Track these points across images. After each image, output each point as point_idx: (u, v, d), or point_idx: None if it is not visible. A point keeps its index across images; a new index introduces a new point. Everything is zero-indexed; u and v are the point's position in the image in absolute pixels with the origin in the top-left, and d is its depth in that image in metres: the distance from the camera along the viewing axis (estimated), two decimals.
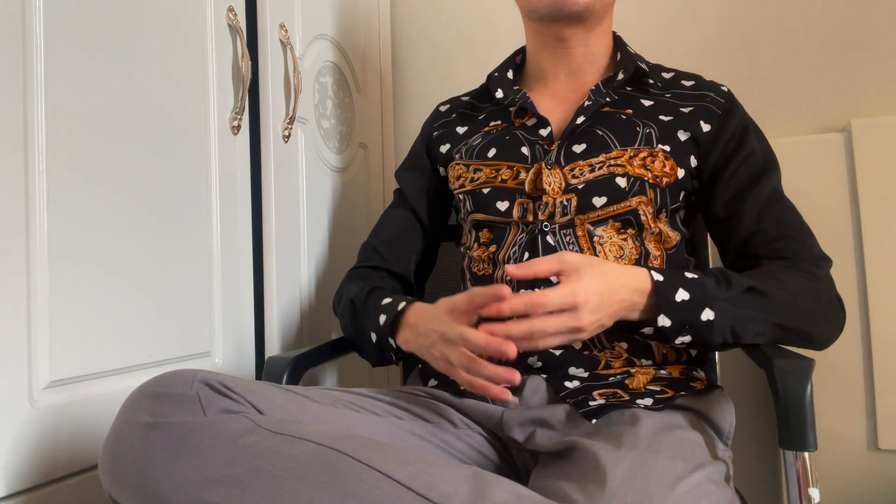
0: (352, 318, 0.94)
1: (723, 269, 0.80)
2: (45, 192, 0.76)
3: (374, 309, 0.89)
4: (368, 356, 0.93)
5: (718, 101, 0.91)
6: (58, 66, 0.78)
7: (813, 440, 0.67)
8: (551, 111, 0.95)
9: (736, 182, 0.88)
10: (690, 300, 0.74)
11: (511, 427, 0.78)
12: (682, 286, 0.74)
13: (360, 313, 0.91)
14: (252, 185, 1.08)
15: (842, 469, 1.11)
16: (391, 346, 0.86)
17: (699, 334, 0.75)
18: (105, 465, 0.62)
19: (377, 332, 0.87)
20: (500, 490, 0.54)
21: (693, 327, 0.74)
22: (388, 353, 0.88)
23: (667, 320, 0.74)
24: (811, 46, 1.23)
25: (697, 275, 0.76)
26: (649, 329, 0.76)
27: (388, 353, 0.88)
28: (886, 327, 1.10)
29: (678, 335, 0.75)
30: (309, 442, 0.59)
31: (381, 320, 0.86)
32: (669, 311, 0.73)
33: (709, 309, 0.74)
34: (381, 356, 0.90)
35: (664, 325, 0.74)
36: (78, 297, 0.80)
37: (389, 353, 0.88)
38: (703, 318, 0.74)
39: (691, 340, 0.76)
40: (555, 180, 0.87)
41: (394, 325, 0.86)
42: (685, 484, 0.60)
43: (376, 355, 0.91)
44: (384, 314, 0.86)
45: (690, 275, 0.76)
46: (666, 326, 0.74)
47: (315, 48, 1.22)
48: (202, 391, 0.62)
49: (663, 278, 0.74)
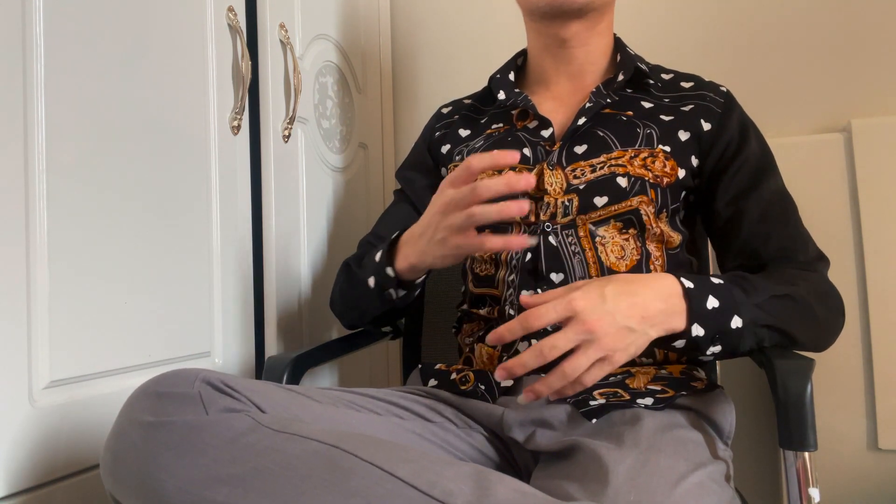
0: (347, 279, 0.94)
1: (743, 274, 0.78)
2: (45, 192, 0.76)
3: (369, 256, 0.91)
4: (368, 310, 0.93)
5: (718, 101, 0.92)
6: (58, 66, 0.78)
7: (813, 440, 0.67)
8: (553, 113, 0.95)
9: (738, 182, 0.88)
10: (720, 307, 0.72)
11: (511, 427, 0.78)
12: (711, 293, 0.72)
13: (356, 270, 0.93)
14: (252, 185, 1.08)
15: (842, 469, 1.11)
16: (390, 278, 0.86)
17: (728, 342, 0.73)
18: (107, 464, 0.62)
19: (375, 272, 0.88)
20: (503, 487, 0.54)
21: (724, 335, 0.73)
22: (387, 291, 0.88)
23: (700, 329, 0.71)
24: (811, 46, 1.23)
25: (723, 280, 0.75)
26: (681, 342, 0.73)
27: (386, 294, 0.88)
28: (886, 327, 1.10)
29: (710, 345, 0.73)
30: (311, 440, 0.59)
31: (377, 257, 0.88)
32: (702, 320, 0.71)
33: (737, 316, 0.72)
34: (382, 302, 0.90)
35: (698, 335, 0.71)
36: (78, 297, 0.79)
37: (389, 292, 0.88)
38: (732, 326, 0.72)
39: (720, 350, 0.74)
40: (556, 181, 0.87)
41: (390, 254, 0.87)
42: (687, 482, 0.60)
43: (376, 301, 0.90)
44: (380, 250, 0.88)
45: (717, 280, 0.74)
46: (700, 336, 0.71)
47: (315, 48, 1.22)
48: (204, 390, 0.62)
49: (693, 285, 0.72)
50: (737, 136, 0.90)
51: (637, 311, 0.68)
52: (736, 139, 0.90)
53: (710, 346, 0.73)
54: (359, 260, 0.95)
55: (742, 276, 0.77)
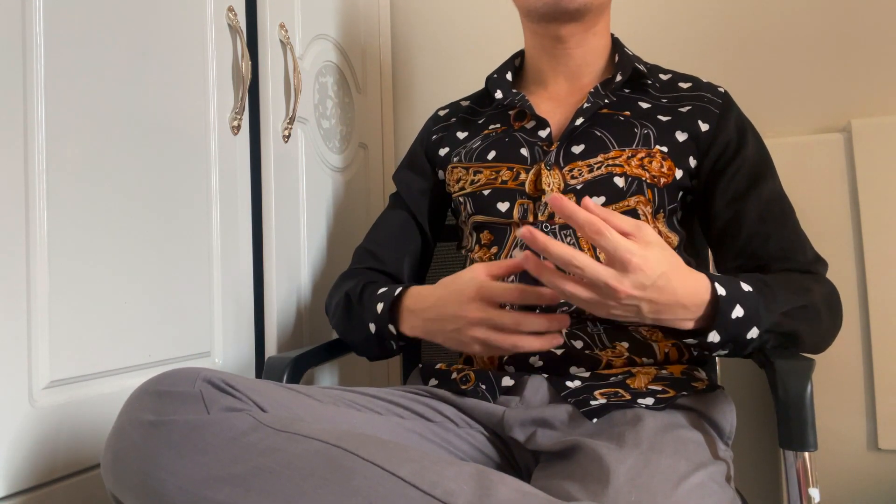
0: (346, 312, 0.93)
1: (763, 278, 0.77)
2: (45, 192, 0.76)
3: (371, 299, 0.89)
4: (366, 350, 0.93)
5: (716, 101, 0.92)
6: (58, 66, 0.78)
7: (813, 440, 0.67)
8: (550, 113, 0.95)
9: (737, 183, 0.88)
10: (744, 317, 0.72)
11: (512, 427, 0.78)
12: (739, 302, 0.72)
13: (356, 306, 0.91)
14: (252, 185, 1.08)
15: (842, 469, 1.11)
16: (392, 334, 0.86)
17: (738, 347, 0.74)
18: (108, 463, 0.61)
19: (376, 321, 0.87)
20: (504, 487, 0.54)
21: (736, 342, 0.73)
22: (389, 342, 0.88)
23: (717, 336, 0.72)
24: (811, 46, 1.23)
25: (751, 287, 0.73)
26: (693, 340, 0.74)
27: (387, 343, 0.88)
28: (886, 327, 1.10)
29: (720, 349, 0.74)
30: (313, 439, 0.59)
31: (378, 308, 0.86)
32: (722, 329, 0.71)
33: (756, 328, 0.73)
34: (380, 347, 0.90)
35: (713, 342, 0.72)
36: (78, 297, 0.79)
37: (390, 343, 0.88)
38: (748, 336, 0.73)
39: (727, 353, 0.76)
40: (554, 181, 0.87)
41: (392, 311, 0.86)
42: (688, 483, 0.60)
43: (375, 347, 0.90)
44: (381, 302, 0.86)
45: (746, 287, 0.73)
46: (714, 342, 0.72)
47: (315, 48, 1.22)
48: (205, 389, 0.62)
49: (726, 293, 0.71)
50: (735, 138, 0.90)
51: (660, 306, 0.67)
52: (734, 140, 0.90)
53: (720, 349, 0.74)
54: (359, 292, 0.92)
55: (763, 281, 0.76)
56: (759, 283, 0.75)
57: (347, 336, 0.94)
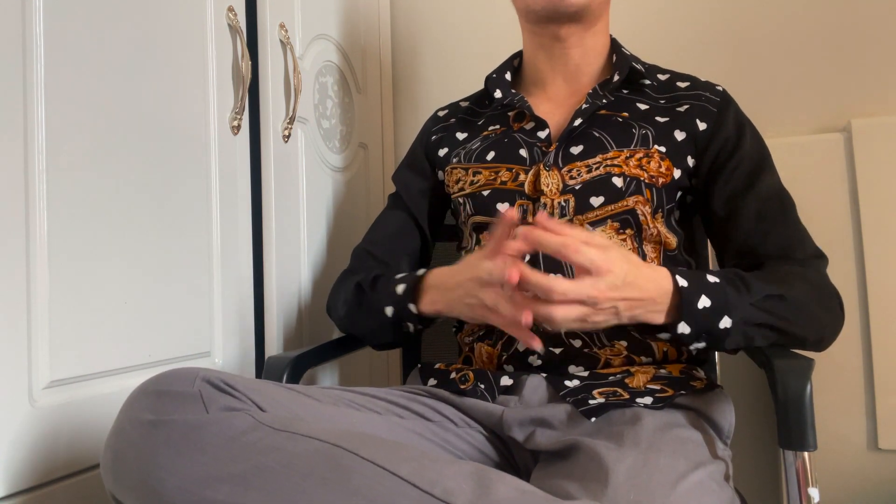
0: (357, 301, 0.93)
1: (738, 272, 0.78)
2: (45, 192, 0.76)
3: (387, 284, 0.90)
4: (379, 336, 0.93)
5: (714, 100, 0.92)
6: (58, 66, 0.78)
7: (813, 440, 0.67)
8: (549, 114, 0.95)
9: (735, 180, 0.88)
10: (711, 307, 0.73)
11: (511, 426, 0.78)
12: (704, 292, 0.73)
13: (370, 293, 0.92)
14: (252, 185, 1.08)
15: (842, 469, 1.11)
16: (411, 314, 0.87)
17: (714, 340, 0.75)
18: (107, 463, 0.62)
19: (395, 303, 0.88)
20: (503, 486, 0.54)
21: (710, 334, 0.74)
22: (405, 323, 0.88)
23: (686, 328, 0.73)
24: (811, 46, 1.23)
25: (719, 279, 0.75)
26: (666, 335, 0.75)
27: (404, 326, 0.89)
28: (886, 327, 1.10)
29: (695, 341, 0.75)
30: (312, 439, 0.59)
31: (398, 290, 0.88)
32: (690, 319, 0.73)
33: (727, 317, 0.73)
34: (395, 332, 0.90)
35: (683, 333, 0.73)
36: (78, 297, 0.79)
37: (407, 324, 0.89)
38: (721, 326, 0.73)
39: (705, 346, 0.76)
40: (553, 181, 0.87)
41: (414, 292, 0.87)
42: (687, 482, 0.61)
43: (389, 332, 0.91)
44: (402, 283, 0.88)
45: (712, 279, 0.75)
46: (685, 334, 0.73)
47: (315, 48, 1.22)
48: (204, 389, 0.62)
49: (688, 283, 0.73)
50: (733, 135, 0.90)
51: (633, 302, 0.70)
52: (732, 138, 0.90)
53: (696, 342, 0.75)
54: (371, 280, 0.93)
55: (737, 274, 0.77)
56: (730, 275, 0.76)
57: (358, 324, 0.95)
